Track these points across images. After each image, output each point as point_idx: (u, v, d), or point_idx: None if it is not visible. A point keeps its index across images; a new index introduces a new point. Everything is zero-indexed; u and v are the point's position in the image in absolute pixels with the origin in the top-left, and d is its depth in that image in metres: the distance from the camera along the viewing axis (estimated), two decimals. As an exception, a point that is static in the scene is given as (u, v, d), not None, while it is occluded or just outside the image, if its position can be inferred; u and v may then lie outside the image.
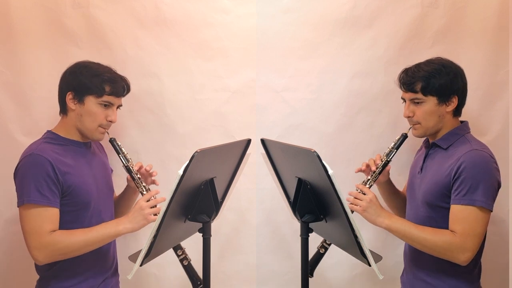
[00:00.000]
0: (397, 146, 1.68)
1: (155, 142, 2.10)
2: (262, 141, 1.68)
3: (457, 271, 1.58)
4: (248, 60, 2.06)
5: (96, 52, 2.01)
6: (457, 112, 1.64)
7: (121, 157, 1.70)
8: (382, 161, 1.69)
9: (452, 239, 1.48)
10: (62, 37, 2.03)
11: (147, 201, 1.57)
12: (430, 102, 1.59)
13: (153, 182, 1.80)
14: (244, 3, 2.04)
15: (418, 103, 1.61)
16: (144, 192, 1.67)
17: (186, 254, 1.72)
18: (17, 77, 2.03)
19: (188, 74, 2.07)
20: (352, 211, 1.56)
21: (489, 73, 2.01)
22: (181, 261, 1.72)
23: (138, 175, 1.71)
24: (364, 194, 1.58)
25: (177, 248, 1.71)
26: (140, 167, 1.74)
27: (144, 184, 1.70)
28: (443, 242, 1.49)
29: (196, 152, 1.31)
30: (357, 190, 1.62)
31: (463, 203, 1.48)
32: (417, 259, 1.67)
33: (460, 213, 1.48)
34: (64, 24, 2.02)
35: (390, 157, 1.68)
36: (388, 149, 1.69)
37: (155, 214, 1.55)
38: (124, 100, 1.85)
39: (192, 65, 2.07)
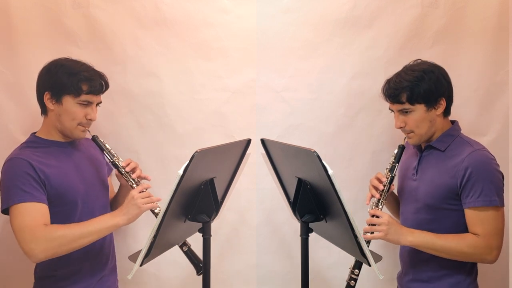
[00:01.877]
0: (398, 159, 1.67)
1: (155, 142, 2.10)
2: (262, 141, 1.68)
3: (456, 270, 1.59)
4: (248, 60, 2.06)
5: (96, 52, 2.01)
6: (446, 112, 1.64)
7: (105, 153, 1.69)
8: (387, 178, 1.66)
9: (477, 241, 1.49)
10: (62, 37, 2.03)
11: (140, 192, 1.58)
12: (419, 110, 1.58)
13: (144, 178, 1.75)
14: (244, 3, 2.04)
15: (407, 112, 1.60)
16: (134, 185, 1.67)
17: (185, 240, 1.71)
18: (17, 77, 2.03)
19: (188, 74, 2.07)
20: (368, 243, 1.56)
21: (489, 73, 2.01)
22: (181, 247, 1.71)
23: (126, 169, 1.69)
24: (378, 217, 1.55)
25: None
26: (128, 164, 1.71)
27: (133, 176, 1.69)
28: (469, 247, 1.50)
29: (196, 152, 1.31)
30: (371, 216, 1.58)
31: (479, 205, 1.49)
32: (415, 260, 1.67)
33: (479, 215, 1.50)
34: (64, 24, 2.02)
35: (394, 172, 1.67)
36: (390, 164, 1.67)
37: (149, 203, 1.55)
38: (124, 100, 1.86)
39: (192, 65, 2.07)
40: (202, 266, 1.62)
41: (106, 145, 1.70)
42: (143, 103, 2.07)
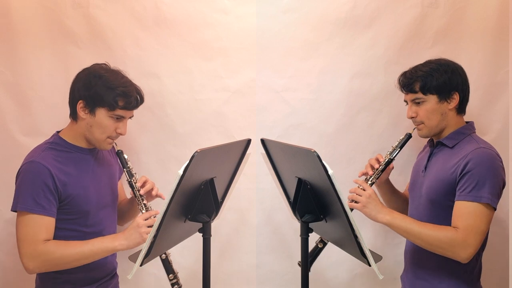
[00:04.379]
0: (401, 145, 1.69)
1: (155, 142, 2.10)
2: (262, 141, 1.68)
3: (458, 270, 1.58)
4: (248, 60, 2.06)
5: (96, 52, 2.01)
6: (460, 109, 1.64)
7: (125, 171, 1.70)
8: (385, 159, 1.69)
9: (454, 234, 1.47)
10: (62, 37, 2.03)
11: (145, 219, 1.57)
12: (431, 101, 1.60)
13: (158, 197, 1.75)
14: (244, 3, 2.04)
15: (419, 103, 1.62)
16: (143, 211, 1.66)
17: (178, 279, 1.71)
18: (17, 77, 2.03)
19: (188, 74, 2.07)
20: (352, 209, 1.57)
21: (489, 73, 2.02)
22: (172, 286, 1.70)
23: (140, 192, 1.68)
24: (364, 190, 1.58)
25: (169, 272, 1.69)
26: (145, 182, 1.71)
27: (145, 202, 1.68)
28: (445, 237, 1.48)
29: (196, 152, 1.31)
30: (358, 187, 1.62)
31: (468, 199, 1.48)
32: (418, 258, 1.67)
33: (465, 209, 1.48)
34: (64, 24, 2.02)
35: (394, 156, 1.69)
36: (392, 147, 1.70)
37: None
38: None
39: (192, 65, 2.07)
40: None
41: (129, 163, 1.70)
42: (143, 103, 2.07)
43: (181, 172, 1.31)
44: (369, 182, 1.68)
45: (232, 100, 2.08)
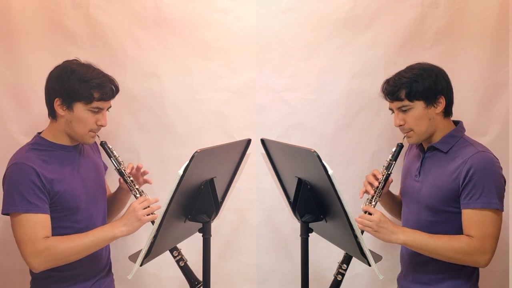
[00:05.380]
0: (395, 157, 1.66)
1: (155, 142, 2.10)
2: (262, 141, 1.68)
3: (457, 274, 1.58)
4: (248, 60, 2.06)
5: (96, 52, 2.01)
6: (447, 112, 1.63)
7: (112, 161, 1.70)
8: (383, 175, 1.66)
9: (470, 244, 1.48)
10: (62, 37, 2.03)
11: (140, 203, 1.58)
12: (418, 107, 1.58)
13: (146, 181, 1.78)
14: (244, 3, 2.04)
15: (406, 110, 1.59)
16: (137, 195, 1.67)
17: (182, 255, 1.72)
18: (17, 77, 2.03)
19: (188, 74, 2.07)
20: (363, 231, 1.57)
21: (489, 73, 2.01)
22: (178, 262, 1.71)
23: (131, 178, 1.70)
24: (370, 214, 1.55)
25: (173, 249, 1.71)
26: (132, 168, 1.74)
27: (137, 186, 1.70)
28: (462, 249, 1.49)
29: (196, 152, 1.31)
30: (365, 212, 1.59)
31: (477, 206, 1.48)
32: (416, 262, 1.67)
33: (475, 217, 1.48)
34: (64, 24, 2.02)
35: (390, 170, 1.66)
36: (387, 161, 1.66)
37: (149, 215, 1.57)
38: (124, 100, 1.86)
39: (192, 65, 2.07)
40: (197, 283, 1.66)
41: (114, 152, 1.70)
42: (143, 103, 2.07)
43: (181, 172, 1.31)
44: (373, 203, 1.64)
45: (232, 100, 2.08)
